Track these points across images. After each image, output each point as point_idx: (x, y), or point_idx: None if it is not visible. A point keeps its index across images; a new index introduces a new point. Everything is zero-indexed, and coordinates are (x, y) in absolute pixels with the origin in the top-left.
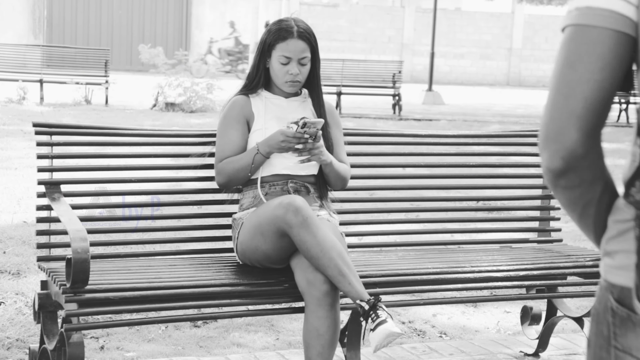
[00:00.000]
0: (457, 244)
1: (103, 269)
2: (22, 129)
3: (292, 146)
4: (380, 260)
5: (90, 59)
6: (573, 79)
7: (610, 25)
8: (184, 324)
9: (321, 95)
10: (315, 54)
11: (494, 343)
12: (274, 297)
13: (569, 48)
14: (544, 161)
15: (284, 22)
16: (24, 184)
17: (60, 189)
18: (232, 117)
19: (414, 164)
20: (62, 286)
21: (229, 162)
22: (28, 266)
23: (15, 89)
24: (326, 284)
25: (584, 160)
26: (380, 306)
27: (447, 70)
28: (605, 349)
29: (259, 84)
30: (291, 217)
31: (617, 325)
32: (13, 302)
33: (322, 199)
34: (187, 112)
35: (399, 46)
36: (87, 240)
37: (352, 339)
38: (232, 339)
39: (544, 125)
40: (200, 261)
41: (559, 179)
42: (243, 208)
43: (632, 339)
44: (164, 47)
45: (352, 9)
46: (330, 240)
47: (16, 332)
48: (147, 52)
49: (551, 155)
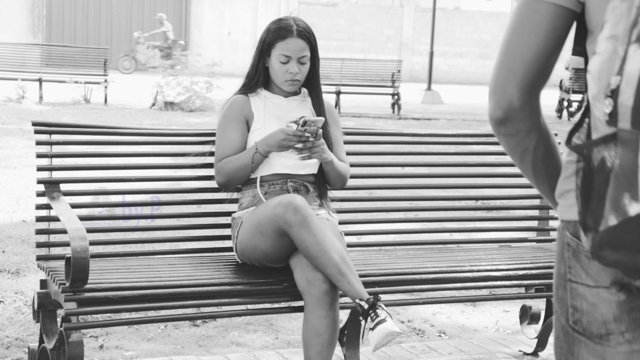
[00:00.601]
0: (456, 243)
1: (102, 268)
2: (21, 127)
3: (293, 144)
4: (380, 259)
5: (89, 57)
6: (514, 41)
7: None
8: (183, 323)
9: (321, 94)
10: (314, 53)
11: (493, 342)
12: (273, 296)
13: (516, 16)
14: (489, 110)
15: (284, 21)
16: (23, 182)
17: (59, 188)
18: (232, 116)
19: (413, 163)
20: (61, 285)
21: (228, 162)
22: (27, 265)
23: (14, 88)
24: (325, 283)
25: (520, 112)
26: (380, 305)
27: (446, 69)
28: (563, 286)
29: (258, 83)
30: (290, 216)
31: (571, 259)
32: (12, 301)
33: (321, 198)
34: (186, 111)
35: (398, 45)
36: (87, 240)
37: (351, 338)
38: (231, 338)
39: (491, 80)
40: (199, 260)
41: (499, 127)
42: (242, 207)
43: (581, 268)
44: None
45: (351, 8)
46: (329, 239)
47: (15, 331)
48: (144, 52)
49: (494, 105)
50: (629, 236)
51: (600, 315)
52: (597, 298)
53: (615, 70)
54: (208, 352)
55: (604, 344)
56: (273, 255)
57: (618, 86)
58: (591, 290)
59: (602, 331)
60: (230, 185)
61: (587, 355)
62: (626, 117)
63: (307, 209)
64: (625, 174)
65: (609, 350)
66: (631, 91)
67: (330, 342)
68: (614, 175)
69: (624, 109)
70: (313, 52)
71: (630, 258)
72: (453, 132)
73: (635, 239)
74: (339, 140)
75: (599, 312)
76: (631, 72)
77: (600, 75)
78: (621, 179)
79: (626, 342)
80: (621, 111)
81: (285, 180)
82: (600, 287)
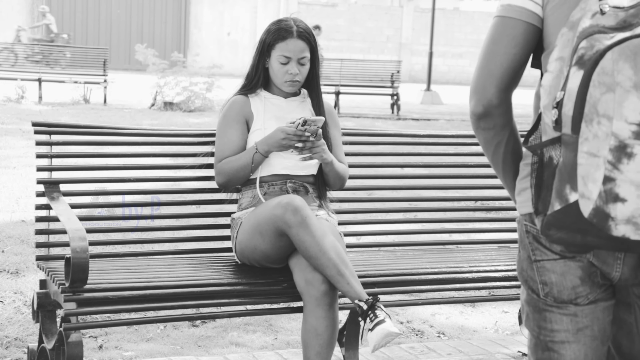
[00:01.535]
0: (456, 244)
1: (102, 268)
2: (20, 127)
3: (293, 144)
4: (379, 260)
5: (88, 58)
6: (494, 50)
7: (521, 18)
8: (182, 324)
9: (320, 95)
10: (314, 54)
11: (492, 343)
12: (272, 297)
13: (494, 31)
14: (470, 107)
15: (284, 22)
16: (22, 182)
17: (59, 188)
18: (231, 117)
19: (413, 164)
20: (61, 285)
21: (228, 162)
22: (27, 265)
23: (13, 87)
24: (325, 284)
25: (497, 108)
26: (379, 306)
27: (445, 69)
28: (530, 267)
29: (258, 84)
30: (290, 217)
31: (533, 243)
32: (12, 301)
33: (320, 198)
34: (185, 111)
35: (398, 46)
36: (86, 240)
37: (350, 338)
38: (230, 338)
39: (472, 81)
40: (199, 261)
41: (479, 122)
42: (242, 208)
43: (543, 248)
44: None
45: (351, 8)
46: (328, 240)
47: (15, 331)
48: (142, 52)
49: (475, 103)
50: (569, 218)
51: (569, 282)
52: (564, 267)
53: (560, 86)
54: (207, 353)
55: (575, 306)
56: (272, 256)
57: (562, 99)
58: (557, 263)
59: (572, 296)
60: (230, 185)
61: (560, 317)
62: (567, 124)
63: (306, 209)
64: (567, 169)
65: (579, 308)
66: (571, 104)
67: (329, 343)
68: (558, 170)
69: (566, 117)
70: (313, 53)
71: (570, 236)
72: (452, 133)
73: (574, 221)
74: (338, 142)
75: (567, 280)
76: (571, 89)
77: (550, 89)
78: (564, 173)
79: (590, 302)
80: (564, 119)
81: (284, 181)
82: (566, 258)
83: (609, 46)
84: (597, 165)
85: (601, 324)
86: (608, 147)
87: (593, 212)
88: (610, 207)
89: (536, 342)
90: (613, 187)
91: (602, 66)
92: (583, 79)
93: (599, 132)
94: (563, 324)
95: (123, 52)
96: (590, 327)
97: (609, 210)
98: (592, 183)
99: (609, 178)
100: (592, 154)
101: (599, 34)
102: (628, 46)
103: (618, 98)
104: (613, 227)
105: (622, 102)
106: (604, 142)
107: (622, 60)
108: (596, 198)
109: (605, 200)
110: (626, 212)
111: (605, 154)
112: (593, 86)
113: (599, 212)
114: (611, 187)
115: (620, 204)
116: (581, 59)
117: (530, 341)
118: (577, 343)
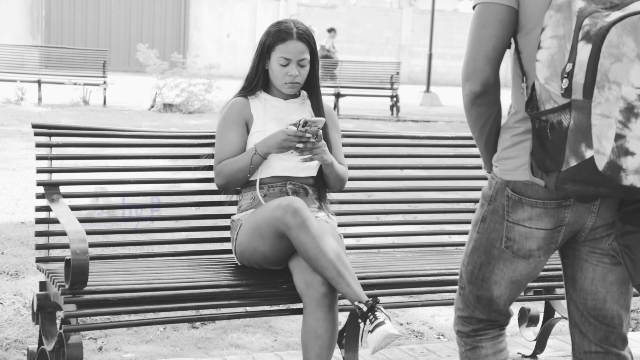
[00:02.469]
0: (455, 246)
1: (102, 270)
2: (20, 129)
3: (293, 145)
4: (379, 261)
5: (88, 59)
6: (485, 34)
7: (504, 2)
8: (182, 325)
9: (320, 97)
10: (314, 56)
11: None
12: (272, 299)
13: (481, 16)
14: (468, 87)
15: (283, 23)
16: (22, 184)
17: (59, 190)
18: (231, 119)
19: (412, 166)
20: (61, 287)
21: (228, 164)
22: (26, 267)
23: (13, 89)
24: (324, 286)
25: (492, 86)
26: (379, 308)
27: (444, 71)
28: (500, 222)
29: (258, 86)
30: (290, 219)
31: (510, 206)
32: (11, 303)
33: (320, 200)
34: (184, 113)
35: (397, 47)
36: (86, 242)
37: (350, 340)
38: (230, 340)
39: (467, 64)
40: (198, 262)
41: (477, 99)
42: (242, 209)
43: (521, 213)
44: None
45: (350, 10)
46: (328, 241)
47: (14, 333)
48: (144, 52)
49: (474, 82)
50: (584, 172)
51: (529, 245)
52: (529, 234)
53: (565, 59)
54: (207, 354)
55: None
56: (272, 258)
57: (572, 70)
58: (526, 230)
59: (526, 255)
60: (230, 187)
61: (502, 266)
62: (579, 91)
63: (306, 211)
64: (580, 130)
65: (524, 262)
66: (582, 73)
67: (329, 345)
68: (570, 131)
69: (577, 85)
70: (312, 55)
71: (584, 188)
72: (452, 135)
73: (589, 174)
74: (337, 143)
75: (528, 244)
76: (581, 60)
77: (551, 63)
78: (577, 134)
79: (537, 259)
80: (574, 87)
81: (284, 182)
82: (534, 228)
83: (612, 22)
84: (610, 125)
85: (531, 276)
86: (618, 109)
87: (607, 165)
88: (622, 160)
89: (476, 275)
90: (624, 143)
91: (609, 39)
92: (593, 51)
93: (610, 96)
94: (505, 269)
95: (123, 53)
96: (524, 276)
97: (621, 163)
98: (605, 140)
99: (620, 135)
100: (604, 116)
101: (597, 13)
102: (629, 22)
103: (625, 67)
104: (624, 177)
105: (629, 70)
106: (614, 105)
107: (626, 34)
108: (610, 153)
109: (617, 155)
110: (635, 164)
111: (616, 115)
112: (603, 57)
113: (612, 165)
114: (622, 143)
115: (630, 157)
116: (587, 34)
117: (467, 274)
118: (506, 287)
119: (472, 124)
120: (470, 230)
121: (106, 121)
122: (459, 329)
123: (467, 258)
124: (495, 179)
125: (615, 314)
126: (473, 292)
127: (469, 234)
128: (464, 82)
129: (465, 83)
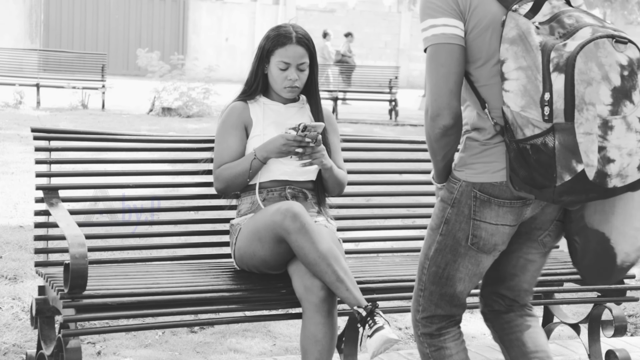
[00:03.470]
0: None
1: (101, 274)
2: (18, 133)
3: (293, 150)
4: (378, 266)
5: (86, 63)
6: (444, 72)
7: (457, 42)
8: (181, 330)
9: (319, 101)
10: (313, 60)
11: (490, 349)
12: (271, 303)
13: (436, 57)
14: (441, 122)
15: (283, 28)
16: (20, 188)
17: (58, 194)
18: (230, 123)
19: (411, 170)
20: (59, 291)
21: (227, 168)
22: (25, 271)
23: (12, 93)
24: (324, 290)
25: (460, 117)
26: (378, 312)
27: None
28: (466, 222)
29: (257, 90)
30: (289, 223)
31: (477, 205)
32: (10, 307)
33: (319, 205)
34: (183, 117)
35: (396, 51)
36: (85, 246)
37: (349, 345)
38: (229, 344)
39: (434, 101)
40: (197, 267)
41: (448, 131)
42: (241, 214)
43: (488, 212)
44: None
45: (349, 14)
46: (327, 246)
47: (13, 337)
48: (144, 56)
49: (445, 117)
50: (578, 184)
51: (494, 241)
52: (495, 231)
53: (539, 89)
54: (206, 359)
55: (486, 254)
56: (271, 262)
57: (550, 98)
58: (492, 227)
59: (490, 249)
60: (229, 191)
61: (467, 263)
62: (560, 115)
63: (305, 216)
64: (568, 148)
65: (486, 255)
66: (561, 100)
67: (328, 349)
68: (558, 150)
69: (558, 111)
70: (312, 59)
71: (578, 197)
72: None
73: (582, 185)
74: (336, 148)
75: (493, 239)
76: (559, 89)
77: (525, 92)
78: (566, 152)
79: (498, 252)
80: (556, 113)
81: (283, 187)
82: (500, 225)
83: (576, 52)
84: (592, 140)
85: (489, 267)
86: (597, 125)
87: (596, 174)
88: (606, 167)
89: (440, 275)
90: (606, 153)
91: (578, 68)
92: (567, 80)
93: (589, 116)
94: (469, 265)
95: (121, 57)
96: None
97: (606, 170)
98: (592, 154)
99: (602, 147)
100: (587, 133)
101: (557, 45)
102: (588, 50)
103: (595, 89)
104: (609, 182)
105: (598, 91)
106: (593, 123)
107: (589, 61)
108: (597, 164)
109: (602, 164)
110: (616, 169)
111: (596, 130)
112: (577, 83)
113: (600, 174)
114: (604, 153)
115: (612, 164)
116: (558, 66)
117: (430, 275)
118: (469, 281)
119: (439, 150)
120: (430, 234)
121: (105, 125)
122: (422, 332)
123: (429, 261)
124: (457, 183)
125: (522, 290)
126: (436, 292)
127: (426, 238)
128: (434, 118)
129: (435, 118)
